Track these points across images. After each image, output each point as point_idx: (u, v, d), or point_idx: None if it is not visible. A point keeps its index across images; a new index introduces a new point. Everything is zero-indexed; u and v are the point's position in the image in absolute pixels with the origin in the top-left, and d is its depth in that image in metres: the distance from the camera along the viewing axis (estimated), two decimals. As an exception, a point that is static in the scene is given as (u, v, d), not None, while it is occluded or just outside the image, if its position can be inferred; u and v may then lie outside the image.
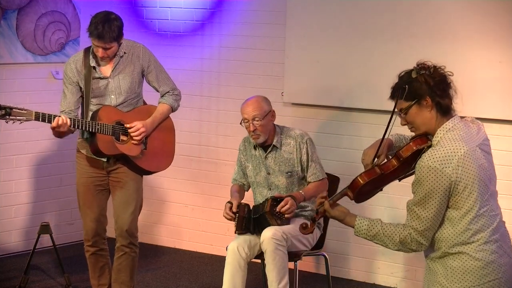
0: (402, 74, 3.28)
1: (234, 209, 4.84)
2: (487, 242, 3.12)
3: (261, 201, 5.00)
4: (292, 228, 4.81)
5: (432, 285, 3.23)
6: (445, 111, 3.20)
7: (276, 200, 4.81)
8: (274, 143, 4.99)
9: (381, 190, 3.46)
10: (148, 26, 6.77)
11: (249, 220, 4.85)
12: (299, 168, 4.98)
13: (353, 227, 3.30)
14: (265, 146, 5.03)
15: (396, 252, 6.08)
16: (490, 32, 5.42)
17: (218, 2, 6.47)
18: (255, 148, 5.05)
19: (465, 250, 3.13)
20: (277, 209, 4.77)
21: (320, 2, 5.99)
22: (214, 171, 6.63)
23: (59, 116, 4.66)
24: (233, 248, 4.80)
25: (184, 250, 6.75)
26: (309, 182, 4.99)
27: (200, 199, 6.71)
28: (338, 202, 3.41)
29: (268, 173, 5.01)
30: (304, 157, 4.97)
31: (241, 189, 5.14)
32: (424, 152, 3.20)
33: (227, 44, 6.48)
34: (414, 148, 3.25)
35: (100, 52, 4.77)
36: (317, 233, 5.05)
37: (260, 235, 4.87)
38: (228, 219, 4.88)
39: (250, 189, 5.19)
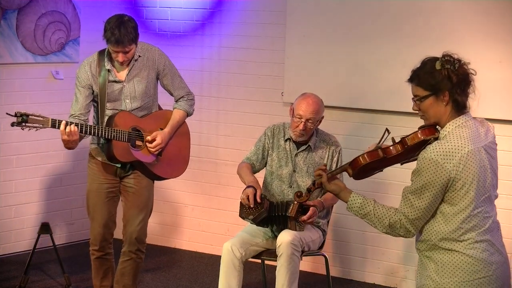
0: (426, 60, 3.23)
1: (258, 199, 4.71)
2: (477, 242, 3.13)
3: (275, 194, 4.94)
4: (307, 234, 4.82)
5: (423, 279, 3.23)
6: (460, 108, 3.20)
7: (302, 207, 4.60)
8: (310, 143, 4.96)
9: (381, 171, 3.48)
10: (148, 26, 6.76)
11: (268, 217, 4.76)
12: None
13: (347, 202, 3.34)
14: (298, 143, 4.99)
15: (396, 252, 6.09)
16: (490, 32, 5.42)
17: (218, 2, 6.47)
18: (286, 140, 5.00)
19: (455, 248, 3.13)
20: (305, 218, 4.62)
21: (320, 3, 5.99)
22: (214, 171, 6.63)
23: (71, 124, 4.55)
24: (227, 248, 4.79)
25: (184, 250, 6.75)
26: None
27: (200, 199, 6.71)
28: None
29: (294, 171, 4.95)
30: (333, 166, 4.92)
31: (252, 170, 5.02)
32: (429, 143, 3.20)
33: (227, 44, 6.48)
34: (421, 137, 3.25)
35: (120, 57, 4.70)
36: (321, 237, 5.03)
37: (259, 235, 4.88)
38: (244, 204, 4.73)
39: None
